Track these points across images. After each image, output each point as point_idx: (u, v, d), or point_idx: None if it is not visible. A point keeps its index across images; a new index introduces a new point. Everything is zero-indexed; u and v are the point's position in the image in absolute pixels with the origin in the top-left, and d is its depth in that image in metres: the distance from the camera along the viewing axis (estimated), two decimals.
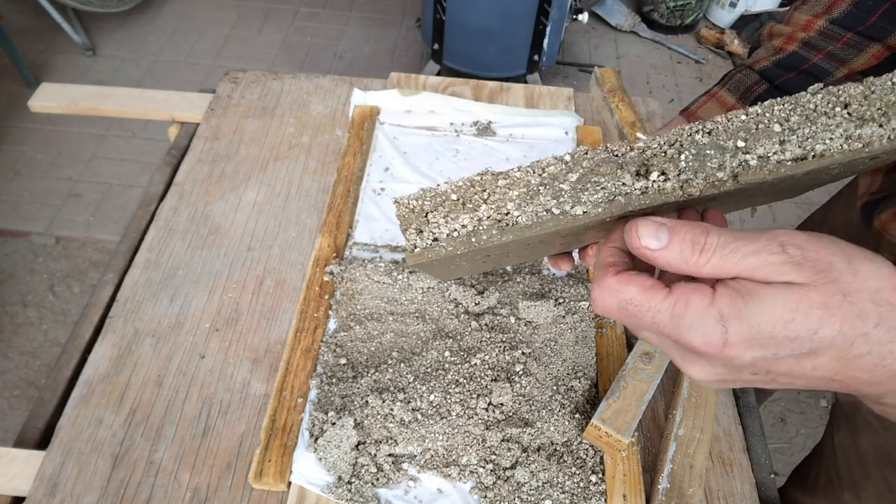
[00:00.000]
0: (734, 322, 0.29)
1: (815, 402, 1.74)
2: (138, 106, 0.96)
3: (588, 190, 0.33)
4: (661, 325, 0.31)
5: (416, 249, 0.35)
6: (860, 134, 0.31)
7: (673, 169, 0.32)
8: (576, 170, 0.33)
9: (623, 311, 0.32)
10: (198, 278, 0.75)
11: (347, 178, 0.85)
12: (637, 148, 0.33)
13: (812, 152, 0.31)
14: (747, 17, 2.70)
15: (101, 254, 1.90)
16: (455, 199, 0.34)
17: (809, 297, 0.28)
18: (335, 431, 0.59)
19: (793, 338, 0.29)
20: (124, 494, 0.59)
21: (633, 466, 0.60)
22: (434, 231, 0.34)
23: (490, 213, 0.34)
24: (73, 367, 0.68)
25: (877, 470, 0.69)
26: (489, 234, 0.34)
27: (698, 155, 0.32)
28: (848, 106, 0.31)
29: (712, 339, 0.30)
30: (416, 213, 0.35)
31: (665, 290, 0.31)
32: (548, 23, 2.02)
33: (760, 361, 0.30)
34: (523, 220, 0.34)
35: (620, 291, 0.32)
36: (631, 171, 0.33)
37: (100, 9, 2.41)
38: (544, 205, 0.33)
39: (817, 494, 0.79)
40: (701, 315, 0.30)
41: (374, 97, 0.95)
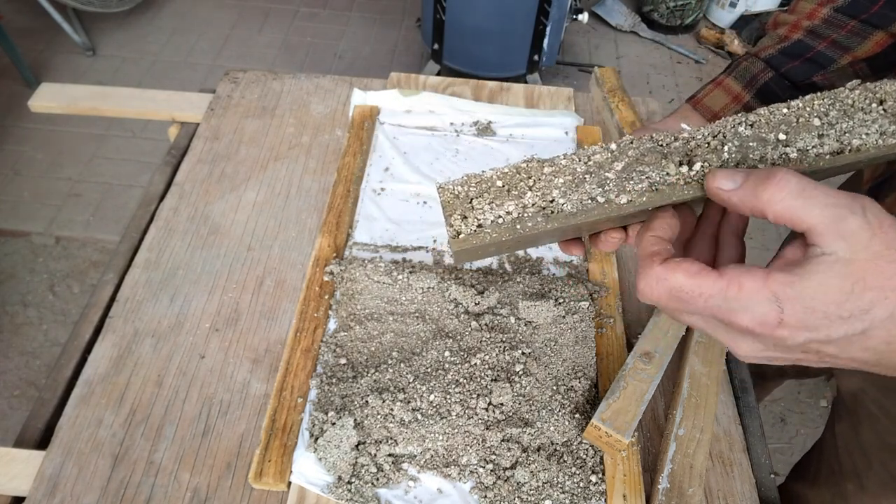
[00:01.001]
0: (788, 303, 0.29)
1: (814, 402, 1.74)
2: (138, 106, 0.96)
3: (633, 179, 0.33)
4: (712, 309, 0.31)
5: (461, 235, 0.34)
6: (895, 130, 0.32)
7: (716, 160, 0.33)
8: (621, 159, 0.34)
9: (673, 298, 0.32)
10: (198, 278, 0.75)
11: (347, 178, 0.85)
12: (682, 138, 0.34)
13: (849, 146, 0.32)
14: (747, 17, 2.70)
15: (101, 254, 1.90)
16: (500, 185, 0.34)
17: (865, 277, 0.29)
18: (335, 431, 0.59)
19: (846, 317, 0.29)
20: (124, 494, 0.59)
21: (633, 466, 0.60)
22: (479, 217, 0.34)
23: (535, 199, 0.34)
24: (73, 367, 0.68)
25: (879, 459, 0.69)
26: (534, 221, 0.34)
27: (741, 146, 0.33)
28: (883, 102, 0.32)
29: (767, 320, 0.30)
30: (460, 198, 0.35)
31: (714, 274, 0.31)
32: (548, 23, 2.02)
33: (813, 343, 0.30)
34: (568, 207, 0.34)
35: (668, 279, 0.32)
36: (675, 161, 0.33)
37: (100, 9, 2.41)
38: (589, 193, 0.34)
39: (819, 486, 0.79)
40: (755, 296, 0.30)
41: (374, 97, 0.95)
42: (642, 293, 0.33)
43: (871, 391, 0.70)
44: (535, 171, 0.34)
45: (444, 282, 0.73)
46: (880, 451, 0.69)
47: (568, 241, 0.47)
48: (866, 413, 0.71)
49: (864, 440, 0.71)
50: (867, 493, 0.71)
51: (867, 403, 0.71)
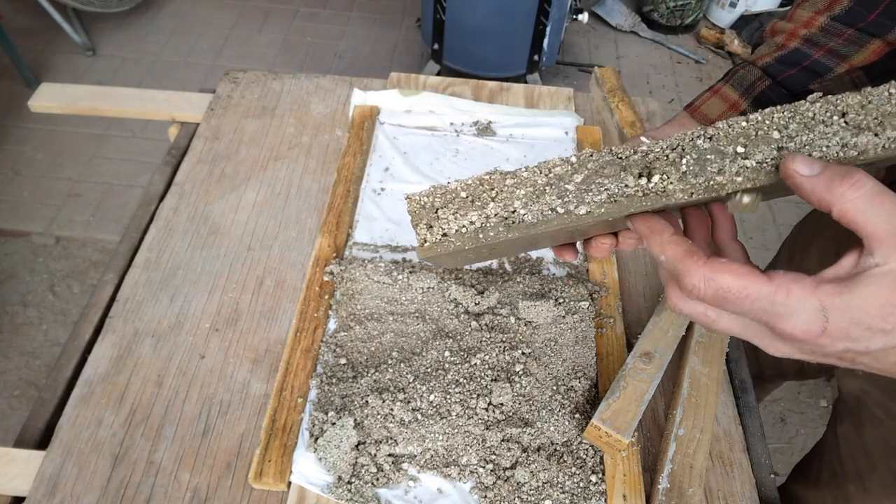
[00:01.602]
0: (835, 314, 0.30)
1: (814, 402, 1.74)
2: (138, 106, 0.96)
3: (592, 191, 0.34)
4: (757, 312, 0.31)
5: (426, 244, 0.36)
6: (856, 142, 0.32)
7: (675, 172, 0.33)
8: (581, 171, 0.34)
9: (719, 298, 0.32)
10: (198, 278, 0.75)
11: (347, 178, 0.85)
12: (640, 151, 0.34)
13: None
14: (747, 17, 2.70)
15: (101, 254, 1.90)
16: (464, 196, 0.35)
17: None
18: (335, 431, 0.59)
19: (888, 330, 0.29)
20: (124, 494, 0.59)
21: (633, 466, 0.60)
22: (444, 227, 0.36)
23: (497, 210, 0.35)
24: (73, 367, 0.68)
25: (882, 461, 0.69)
26: (496, 231, 0.35)
27: (699, 159, 0.33)
28: (845, 115, 0.32)
29: (812, 328, 0.30)
30: (426, 209, 0.36)
31: (764, 277, 0.31)
32: (548, 23, 2.02)
33: (850, 353, 0.31)
34: (529, 218, 0.35)
35: (717, 279, 0.32)
36: (634, 174, 0.34)
37: (100, 9, 2.41)
38: (550, 204, 0.35)
39: (821, 488, 0.79)
40: (803, 304, 0.30)
41: (374, 97, 0.95)
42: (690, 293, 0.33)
43: (874, 393, 0.70)
44: (497, 183, 0.35)
45: (444, 282, 0.73)
46: (884, 453, 0.69)
47: (561, 247, 0.47)
48: (869, 415, 0.71)
49: (867, 442, 0.71)
50: (869, 495, 0.71)
51: (870, 405, 0.70)
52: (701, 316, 0.35)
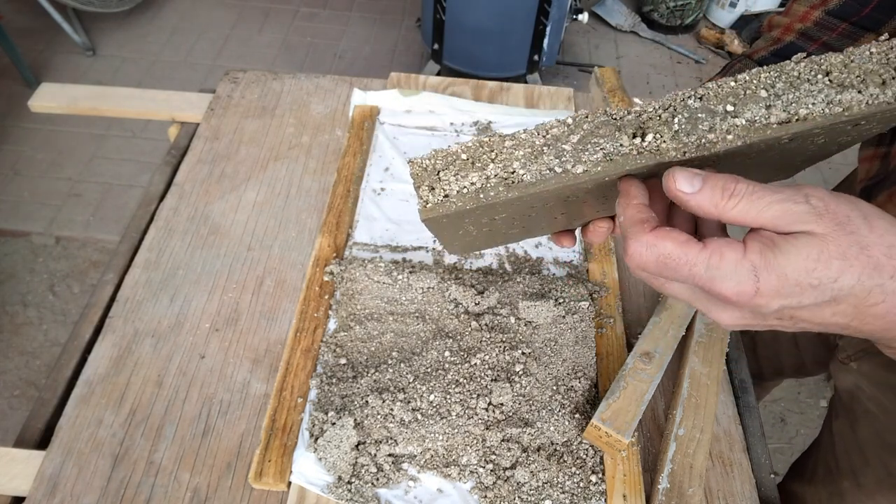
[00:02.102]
0: (764, 273, 0.32)
1: (815, 402, 1.74)
2: (138, 106, 0.96)
3: (588, 150, 0.35)
4: (696, 277, 0.34)
5: (428, 205, 0.37)
6: (840, 99, 0.33)
7: (667, 131, 0.35)
8: (577, 131, 0.35)
9: (661, 264, 0.34)
10: (198, 278, 0.75)
11: (347, 178, 0.85)
12: (634, 112, 0.35)
13: (796, 116, 0.34)
14: (747, 17, 2.70)
15: (101, 254, 1.90)
16: (465, 158, 0.36)
17: (828, 248, 0.31)
18: (335, 431, 0.59)
19: (815, 285, 0.32)
20: (124, 494, 0.59)
21: (633, 466, 0.60)
22: (445, 188, 0.36)
23: (497, 171, 0.36)
24: (73, 367, 0.68)
25: (876, 456, 0.69)
26: (496, 191, 0.36)
27: (690, 118, 0.35)
28: (829, 74, 0.34)
29: (745, 289, 0.32)
30: (428, 171, 0.37)
31: (700, 245, 0.33)
32: (548, 23, 2.02)
33: (787, 309, 0.33)
34: (528, 177, 0.36)
35: (658, 246, 0.34)
36: (628, 133, 0.35)
37: (100, 9, 2.41)
38: (548, 164, 0.36)
39: (816, 485, 0.79)
40: (735, 267, 0.32)
41: (374, 97, 0.95)
42: (631, 258, 0.35)
43: (867, 388, 0.70)
44: (496, 145, 0.36)
45: (444, 282, 0.73)
46: (877, 448, 0.69)
47: (559, 233, 0.48)
48: (863, 410, 0.71)
49: (861, 438, 0.71)
50: (863, 491, 0.71)
51: (864, 400, 0.71)
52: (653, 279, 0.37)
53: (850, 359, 0.72)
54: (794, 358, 0.94)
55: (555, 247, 0.80)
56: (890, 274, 0.31)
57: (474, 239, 0.47)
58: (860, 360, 0.71)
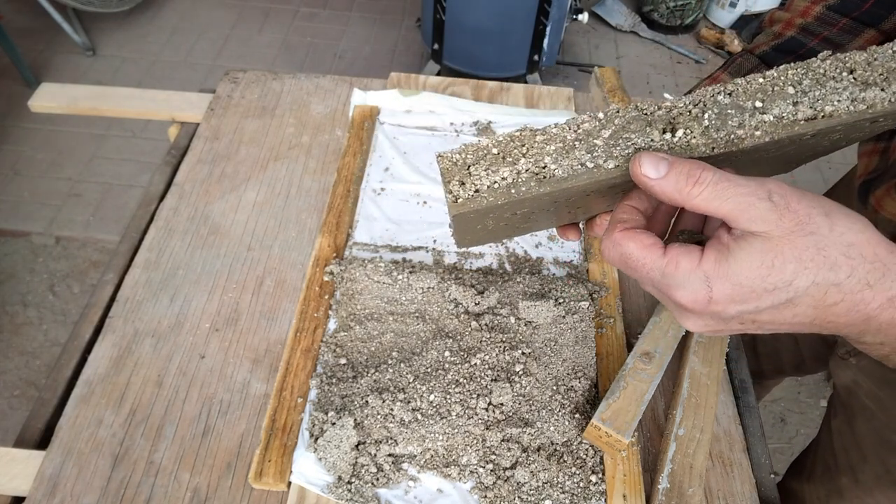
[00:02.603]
0: (717, 282, 0.32)
1: (815, 402, 1.74)
2: (138, 106, 0.96)
3: (620, 145, 0.35)
4: (654, 282, 0.35)
5: (459, 200, 0.36)
6: (864, 96, 0.34)
7: (697, 126, 0.35)
8: (608, 126, 0.36)
9: (623, 263, 0.35)
10: (198, 278, 0.75)
11: (347, 178, 0.85)
12: (664, 107, 0.36)
13: (822, 113, 0.34)
14: (747, 17, 2.70)
15: (101, 254, 1.90)
16: (496, 153, 0.36)
17: (783, 252, 0.31)
18: (335, 431, 0.59)
19: (770, 289, 0.32)
20: (124, 494, 0.59)
21: (633, 466, 0.60)
22: (476, 183, 0.36)
23: (529, 166, 0.36)
24: (73, 367, 0.68)
25: (874, 453, 0.69)
26: (528, 186, 0.36)
27: (720, 114, 0.35)
28: (854, 71, 0.34)
29: (698, 298, 0.33)
30: (458, 165, 0.36)
31: (661, 250, 0.34)
32: (548, 23, 2.02)
33: (745, 314, 0.33)
34: (559, 172, 0.36)
35: (622, 245, 0.35)
36: (659, 129, 0.35)
37: (100, 9, 2.41)
38: (579, 158, 0.36)
39: (815, 482, 0.80)
40: (688, 276, 0.33)
41: (374, 97, 0.95)
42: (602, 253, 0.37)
43: (865, 384, 0.70)
44: (528, 140, 0.36)
45: (444, 282, 0.73)
46: (875, 445, 0.69)
47: (565, 227, 0.48)
48: (860, 406, 0.71)
49: (859, 434, 0.71)
50: (861, 488, 0.71)
51: (861, 397, 0.71)
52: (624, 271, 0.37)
53: (848, 354, 0.72)
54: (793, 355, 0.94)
55: (555, 247, 0.80)
56: (847, 273, 0.31)
57: (489, 233, 0.47)
58: (859, 356, 0.71)
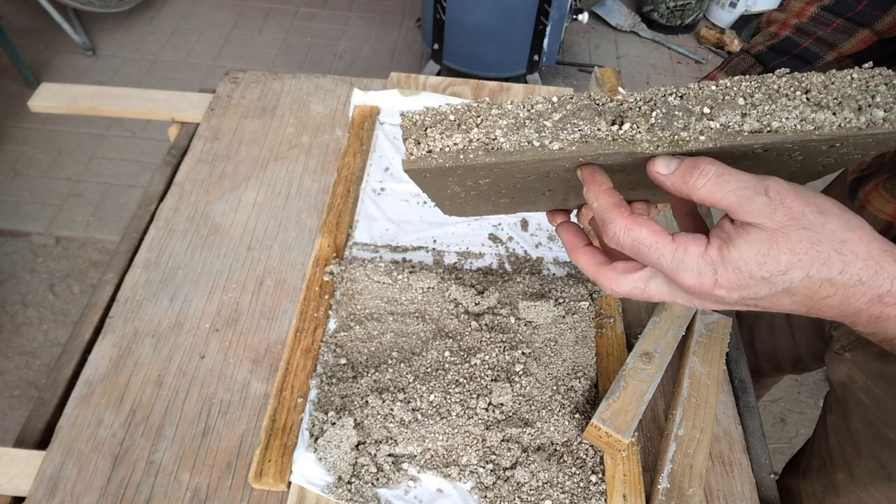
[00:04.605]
0: (721, 267, 0.34)
1: (814, 401, 1.74)
2: (138, 106, 0.96)
3: (567, 129, 0.37)
4: (663, 266, 0.36)
5: (412, 157, 0.39)
6: (814, 118, 0.34)
7: (644, 122, 0.36)
8: (560, 111, 0.37)
9: (634, 249, 0.37)
10: (198, 278, 0.75)
11: (347, 178, 0.85)
12: (616, 100, 0.37)
13: (768, 127, 0.35)
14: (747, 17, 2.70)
15: (101, 254, 1.90)
16: (452, 119, 0.38)
17: (778, 243, 0.33)
18: (335, 431, 0.59)
19: (766, 278, 0.34)
20: (124, 494, 0.59)
21: (633, 466, 0.60)
22: (430, 144, 0.38)
23: (480, 136, 0.38)
24: (73, 367, 0.68)
25: (868, 448, 0.70)
26: (476, 154, 0.38)
27: (668, 114, 0.36)
28: (808, 92, 0.35)
29: (704, 281, 0.35)
30: (417, 126, 0.38)
31: (670, 236, 0.36)
32: (548, 23, 2.02)
33: (748, 299, 0.35)
34: (507, 146, 0.37)
35: (634, 231, 0.36)
36: (607, 119, 0.37)
37: (100, 9, 2.41)
38: (527, 136, 0.37)
39: (811, 478, 0.80)
40: (696, 260, 0.35)
41: (374, 97, 0.95)
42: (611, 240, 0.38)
43: (860, 379, 0.71)
44: (483, 112, 0.38)
45: (444, 282, 0.73)
46: (870, 440, 0.70)
47: (553, 212, 0.50)
48: (855, 402, 0.72)
49: (854, 430, 0.72)
50: (857, 483, 0.71)
51: (856, 392, 0.71)
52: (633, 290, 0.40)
53: (844, 349, 0.73)
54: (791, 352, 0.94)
55: (555, 247, 0.80)
56: (839, 269, 0.33)
57: (464, 201, 0.49)
58: (853, 350, 0.71)
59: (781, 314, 0.90)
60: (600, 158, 0.38)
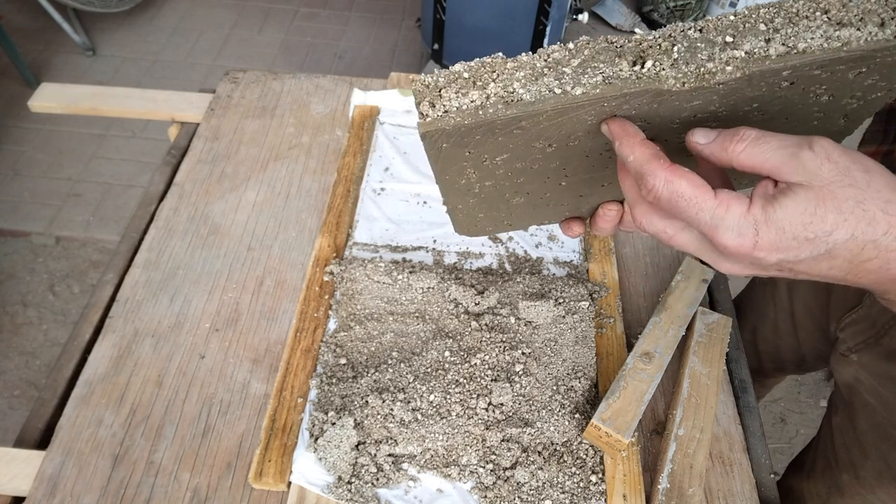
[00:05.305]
0: (764, 227, 0.33)
1: (815, 401, 1.74)
2: (138, 106, 0.96)
3: (588, 73, 0.36)
4: (700, 223, 0.35)
5: (428, 119, 0.37)
6: (839, 35, 0.34)
7: (667, 59, 0.35)
8: (578, 56, 0.36)
9: (672, 202, 0.35)
10: (198, 278, 0.75)
11: (347, 178, 0.85)
12: (634, 40, 0.36)
13: (794, 49, 0.34)
14: None
15: (101, 254, 1.90)
16: (467, 77, 0.37)
17: (825, 202, 0.32)
18: (335, 431, 0.59)
19: (811, 238, 0.33)
20: (124, 494, 0.59)
21: (633, 466, 0.60)
22: (445, 104, 0.37)
23: (497, 90, 0.37)
24: (73, 367, 0.68)
25: (874, 449, 0.69)
26: (495, 109, 0.37)
27: (690, 48, 0.35)
28: (828, 12, 0.35)
29: (744, 242, 0.34)
30: (430, 88, 0.37)
31: (711, 192, 0.34)
32: (548, 23, 2.02)
33: (785, 262, 0.34)
34: (527, 97, 0.36)
35: (674, 183, 0.35)
36: (628, 60, 0.36)
37: (100, 9, 2.41)
38: (547, 85, 0.36)
39: (815, 479, 0.80)
40: (738, 220, 0.34)
41: (374, 97, 0.95)
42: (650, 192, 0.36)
43: (867, 380, 0.70)
44: (498, 66, 0.37)
45: (444, 282, 0.73)
46: (876, 441, 0.69)
47: (569, 220, 0.50)
48: (862, 403, 0.71)
49: (860, 431, 0.72)
50: (863, 484, 0.71)
51: (863, 393, 0.71)
52: (661, 233, 0.38)
53: (850, 351, 0.72)
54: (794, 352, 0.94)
55: (555, 247, 0.80)
56: (884, 230, 0.32)
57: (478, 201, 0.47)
58: (860, 352, 0.71)
59: (785, 314, 0.90)
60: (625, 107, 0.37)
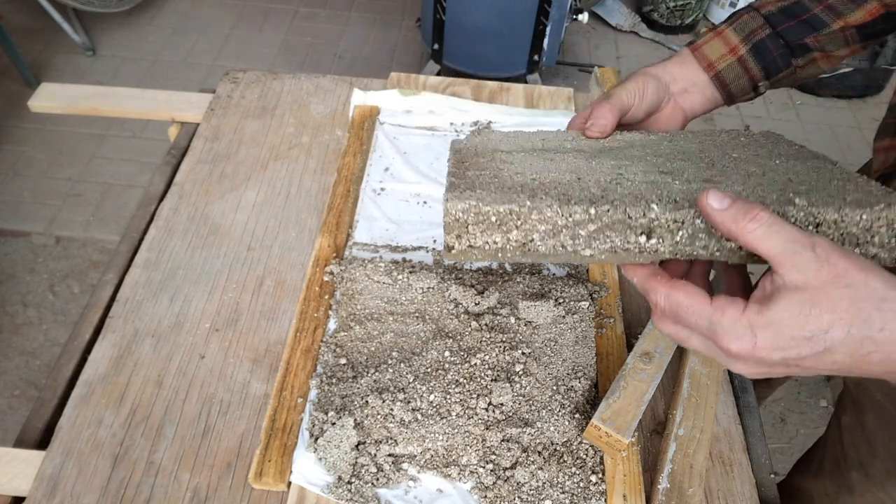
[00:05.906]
0: (761, 330, 0.35)
1: (814, 402, 1.74)
2: (138, 106, 0.96)
3: (599, 239, 0.41)
4: (701, 328, 0.37)
5: (453, 251, 0.43)
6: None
7: (669, 239, 0.40)
8: (595, 222, 0.41)
9: (674, 312, 0.38)
10: (198, 278, 0.75)
11: (347, 178, 0.85)
12: (648, 217, 0.40)
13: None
14: None
15: (101, 254, 1.90)
16: (493, 220, 0.41)
17: (820, 302, 0.34)
18: (335, 431, 0.59)
19: (809, 337, 0.34)
20: (124, 494, 0.59)
21: (633, 466, 0.60)
22: (470, 240, 0.42)
23: (519, 237, 0.42)
24: (73, 367, 0.68)
25: (884, 448, 0.69)
26: (513, 254, 0.42)
27: (693, 235, 0.40)
28: (819, 226, 0.39)
29: (743, 345, 0.35)
30: (459, 222, 0.42)
31: (707, 300, 0.37)
32: (548, 23, 2.02)
33: (789, 360, 0.35)
34: (542, 249, 0.42)
35: (672, 296, 0.38)
36: (637, 233, 0.40)
37: (100, 9, 2.41)
38: (562, 241, 0.41)
39: (823, 478, 0.80)
40: (734, 324, 0.35)
41: (374, 97, 0.95)
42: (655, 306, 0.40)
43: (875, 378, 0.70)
44: (525, 216, 0.41)
45: (444, 282, 0.73)
46: (886, 439, 0.69)
47: None
48: (871, 401, 0.71)
49: (870, 429, 0.71)
50: (872, 482, 0.71)
51: (871, 391, 0.71)
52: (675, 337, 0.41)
53: None
54: None
55: None
56: (879, 326, 0.33)
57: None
58: None
59: None
60: None
